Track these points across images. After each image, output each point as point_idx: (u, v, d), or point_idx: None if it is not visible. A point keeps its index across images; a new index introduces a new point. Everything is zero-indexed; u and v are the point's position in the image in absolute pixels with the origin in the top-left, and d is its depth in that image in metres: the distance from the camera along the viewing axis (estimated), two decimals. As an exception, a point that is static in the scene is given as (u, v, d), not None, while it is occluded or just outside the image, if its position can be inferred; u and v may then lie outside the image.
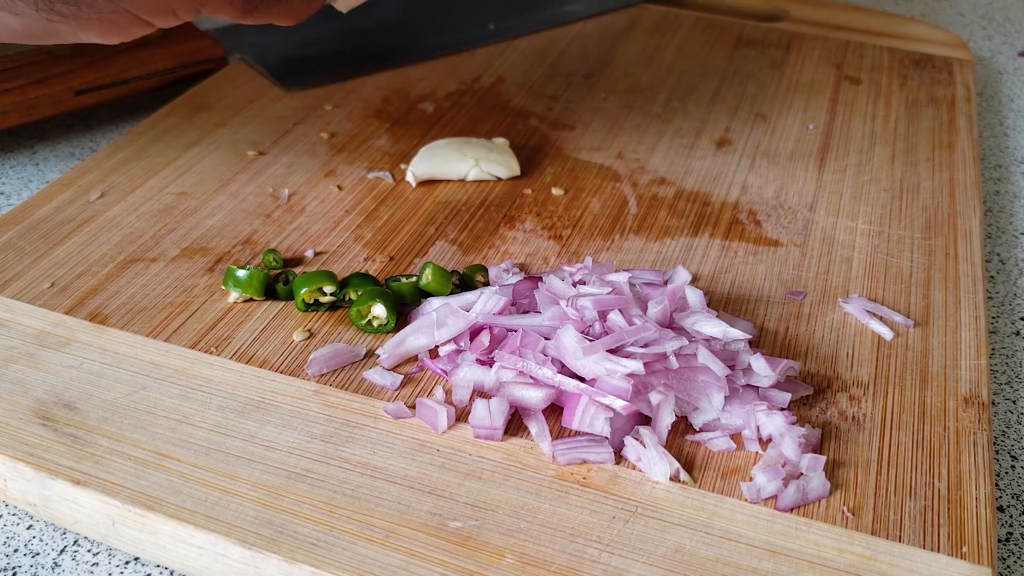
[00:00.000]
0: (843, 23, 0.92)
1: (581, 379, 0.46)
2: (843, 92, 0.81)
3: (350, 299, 0.53)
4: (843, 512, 0.43)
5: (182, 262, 0.57)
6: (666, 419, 0.46)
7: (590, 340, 0.46)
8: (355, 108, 0.74)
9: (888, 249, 0.61)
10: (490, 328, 0.49)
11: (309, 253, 0.58)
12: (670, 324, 0.50)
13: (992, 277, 0.64)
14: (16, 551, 0.44)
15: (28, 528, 0.45)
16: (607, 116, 0.75)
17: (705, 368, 0.47)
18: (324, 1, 0.55)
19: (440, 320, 0.50)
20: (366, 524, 0.41)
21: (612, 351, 0.46)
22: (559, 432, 0.46)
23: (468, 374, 0.48)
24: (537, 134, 0.72)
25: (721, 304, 0.56)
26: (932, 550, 0.42)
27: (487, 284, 0.56)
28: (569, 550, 0.41)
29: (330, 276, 0.53)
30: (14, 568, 0.43)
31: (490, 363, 0.48)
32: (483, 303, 0.51)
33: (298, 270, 0.57)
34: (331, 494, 0.43)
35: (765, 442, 0.46)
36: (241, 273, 0.53)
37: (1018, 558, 0.46)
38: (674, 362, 0.46)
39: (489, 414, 0.46)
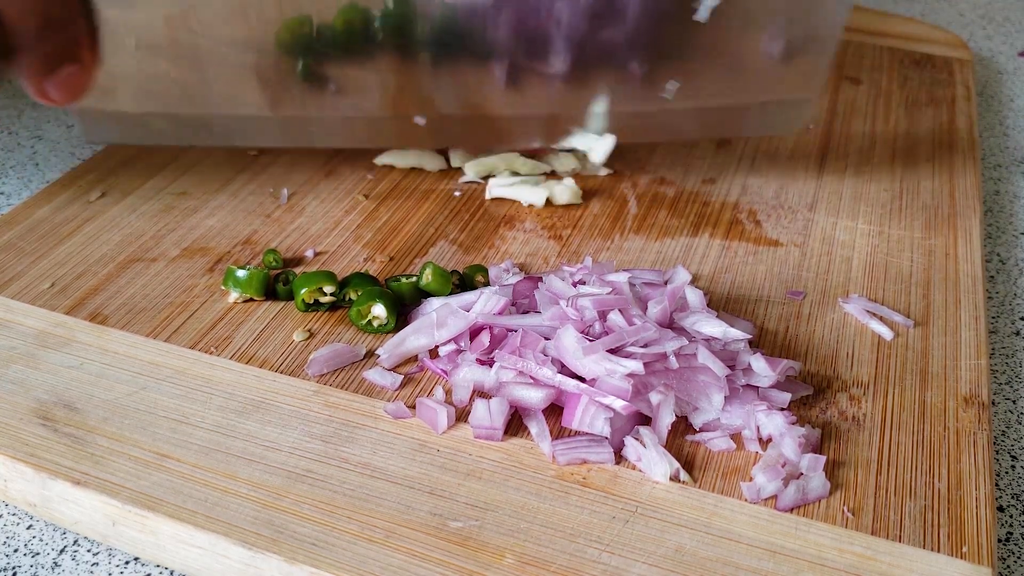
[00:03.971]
0: (843, 23, 0.92)
1: (581, 379, 0.46)
2: (843, 92, 0.80)
3: (350, 299, 0.53)
4: (843, 512, 0.43)
5: (182, 262, 0.57)
6: (666, 419, 0.46)
7: (590, 340, 0.46)
8: (355, 108, 0.74)
9: (888, 249, 0.61)
10: (490, 328, 0.49)
11: (309, 253, 0.58)
12: (670, 324, 0.50)
13: (992, 277, 0.64)
14: (16, 551, 0.44)
15: (28, 528, 0.45)
16: (607, 116, 0.75)
17: (705, 368, 0.47)
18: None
19: (440, 320, 0.50)
20: (366, 524, 0.41)
21: (612, 351, 0.46)
22: (559, 432, 0.46)
23: (468, 374, 0.48)
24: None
25: (721, 304, 0.56)
26: (932, 550, 0.42)
27: (487, 284, 0.56)
28: (569, 550, 0.41)
29: (330, 276, 0.53)
30: (14, 568, 0.43)
31: (490, 363, 0.48)
32: (483, 303, 0.51)
33: (298, 270, 0.57)
34: (331, 494, 0.43)
35: (765, 442, 0.46)
36: (241, 273, 0.53)
37: (1018, 558, 0.46)
38: (674, 362, 0.46)
39: (489, 414, 0.46)
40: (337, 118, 0.62)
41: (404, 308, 0.53)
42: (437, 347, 0.50)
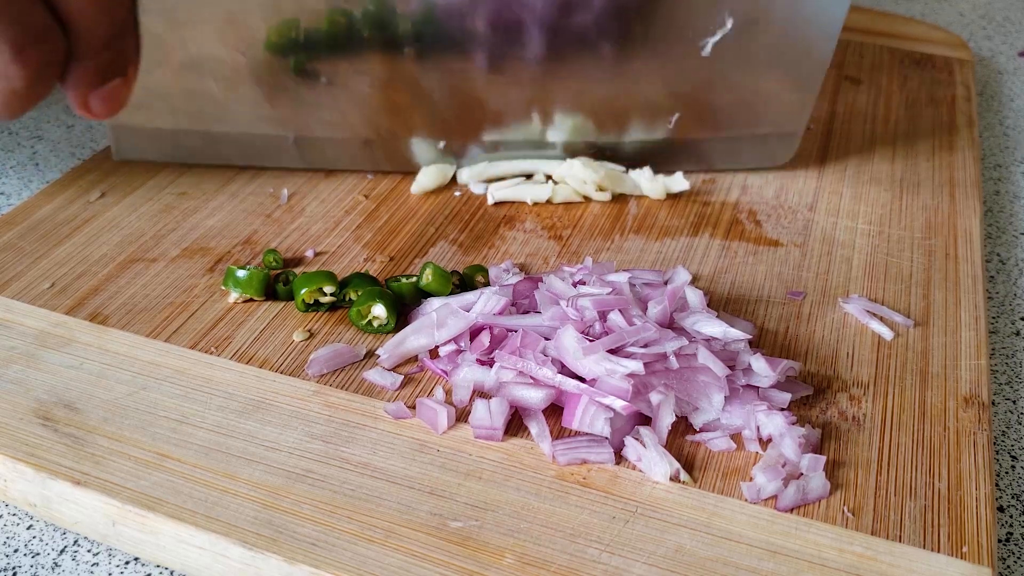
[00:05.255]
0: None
1: (581, 379, 0.46)
2: (843, 92, 0.81)
3: (350, 299, 0.53)
4: (843, 512, 0.43)
5: (182, 262, 0.57)
6: (666, 419, 0.46)
7: (590, 340, 0.46)
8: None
9: (888, 249, 0.61)
10: (490, 328, 0.49)
11: (309, 253, 0.58)
12: (670, 324, 0.50)
13: (992, 277, 0.64)
14: (16, 551, 0.44)
15: (28, 528, 0.45)
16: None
17: (705, 368, 0.47)
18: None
19: (440, 320, 0.50)
20: (366, 524, 0.41)
21: (612, 351, 0.46)
22: (559, 432, 0.46)
23: (468, 374, 0.48)
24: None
25: (721, 304, 0.56)
26: (932, 550, 0.42)
27: (487, 284, 0.56)
28: (569, 550, 0.41)
29: (330, 276, 0.53)
30: (14, 568, 0.43)
31: (490, 363, 0.48)
32: (483, 303, 0.51)
33: (298, 270, 0.57)
34: (331, 494, 0.43)
35: (765, 442, 0.46)
36: (241, 273, 0.53)
37: (1018, 558, 0.46)
38: (674, 362, 0.46)
39: (489, 414, 0.46)
40: (355, 139, 0.64)
41: (404, 308, 0.53)
42: (437, 347, 0.50)
